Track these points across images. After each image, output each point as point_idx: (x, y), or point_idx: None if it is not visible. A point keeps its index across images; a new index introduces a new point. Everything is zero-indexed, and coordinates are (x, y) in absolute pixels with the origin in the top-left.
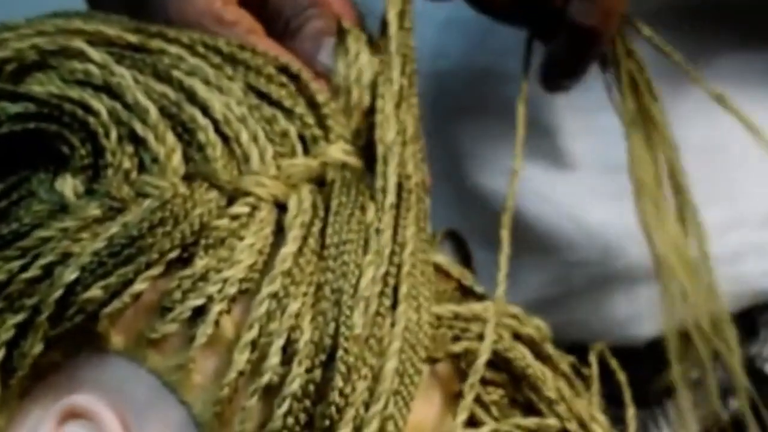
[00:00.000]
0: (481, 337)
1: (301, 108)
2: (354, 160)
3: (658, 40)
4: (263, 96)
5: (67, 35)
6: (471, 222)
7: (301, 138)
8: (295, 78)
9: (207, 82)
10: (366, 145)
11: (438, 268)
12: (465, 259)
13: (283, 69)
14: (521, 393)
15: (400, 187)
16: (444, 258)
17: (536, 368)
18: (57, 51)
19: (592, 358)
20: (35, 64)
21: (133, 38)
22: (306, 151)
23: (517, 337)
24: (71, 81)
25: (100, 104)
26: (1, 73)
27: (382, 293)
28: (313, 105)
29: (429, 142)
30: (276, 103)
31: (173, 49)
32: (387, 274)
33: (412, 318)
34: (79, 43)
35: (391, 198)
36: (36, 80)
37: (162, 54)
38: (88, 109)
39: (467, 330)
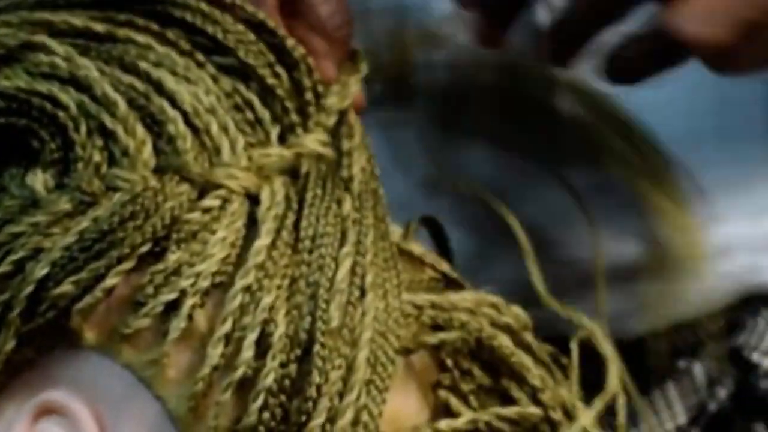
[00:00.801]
0: (459, 326)
1: (283, 91)
2: (329, 151)
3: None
4: (245, 76)
5: (32, 26)
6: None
7: (279, 125)
8: (288, 56)
9: (174, 73)
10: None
11: (413, 257)
12: (443, 246)
13: (278, 46)
14: (501, 382)
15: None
16: (419, 247)
17: (520, 356)
18: (21, 45)
19: (574, 346)
20: (0, 58)
21: (100, 27)
22: (282, 139)
23: (495, 326)
24: (37, 74)
25: (68, 98)
26: None
27: (351, 283)
28: (298, 88)
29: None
30: (258, 83)
31: (141, 38)
32: (355, 263)
33: (379, 307)
34: (41, 37)
35: (357, 189)
36: (2, 75)
37: (129, 43)
38: (56, 102)
39: (445, 319)
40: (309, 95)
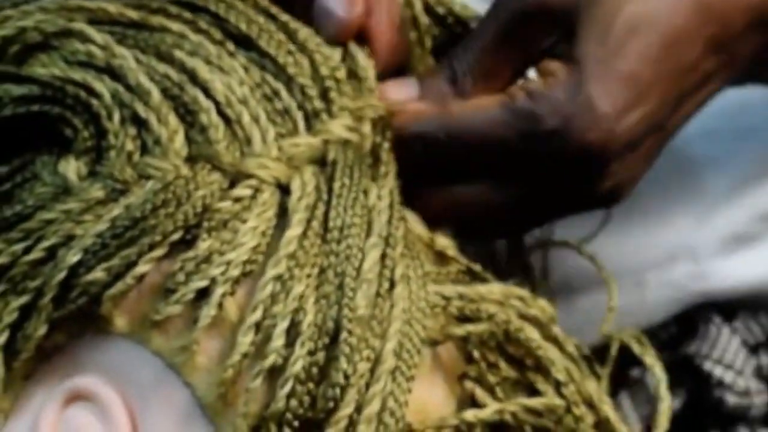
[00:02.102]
0: (487, 318)
1: (304, 78)
2: (356, 136)
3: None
4: (269, 66)
5: (68, 13)
6: None
7: (303, 112)
8: (302, 47)
9: (208, 62)
10: None
11: (437, 250)
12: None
13: (291, 36)
14: (527, 375)
15: None
16: (443, 240)
17: (547, 349)
18: (59, 32)
19: (614, 344)
20: (38, 44)
21: (134, 15)
22: (308, 126)
23: (523, 318)
24: (73, 62)
25: (102, 86)
26: (5, 55)
27: (381, 275)
28: (319, 76)
29: None
30: (281, 72)
31: (175, 26)
32: (385, 255)
33: (408, 298)
34: (80, 25)
35: (390, 183)
36: (39, 61)
37: (164, 32)
38: (90, 91)
39: (472, 310)
40: (330, 82)
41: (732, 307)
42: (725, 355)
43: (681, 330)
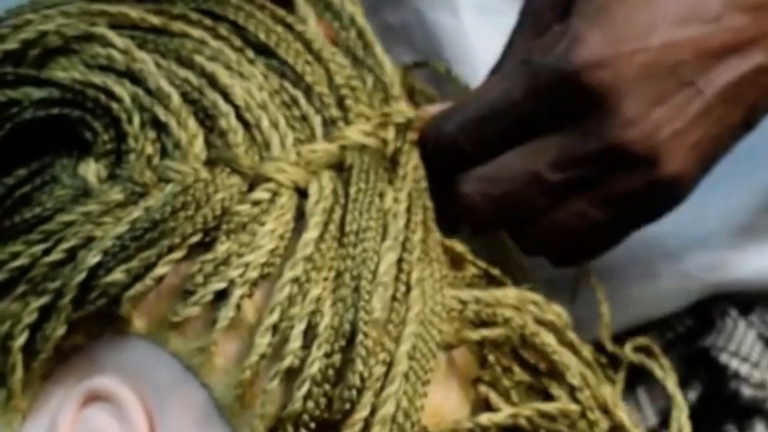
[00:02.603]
0: (503, 322)
1: (321, 87)
2: (373, 141)
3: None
4: (287, 74)
5: (90, 17)
6: None
7: (321, 119)
8: (317, 56)
9: (228, 68)
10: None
11: (455, 254)
12: None
13: (308, 46)
14: (541, 380)
15: None
16: (461, 244)
17: (562, 354)
18: (80, 36)
19: (628, 349)
20: (59, 48)
21: (155, 20)
22: (326, 133)
23: (539, 323)
24: (94, 66)
25: (122, 90)
26: (25, 58)
27: (397, 278)
28: (334, 84)
29: None
30: (300, 80)
31: (196, 32)
32: (401, 259)
33: (423, 302)
34: (101, 29)
35: (408, 186)
36: (59, 65)
37: (184, 37)
38: (111, 95)
39: (488, 315)
40: (345, 90)
41: (749, 300)
42: (741, 347)
43: (697, 323)
